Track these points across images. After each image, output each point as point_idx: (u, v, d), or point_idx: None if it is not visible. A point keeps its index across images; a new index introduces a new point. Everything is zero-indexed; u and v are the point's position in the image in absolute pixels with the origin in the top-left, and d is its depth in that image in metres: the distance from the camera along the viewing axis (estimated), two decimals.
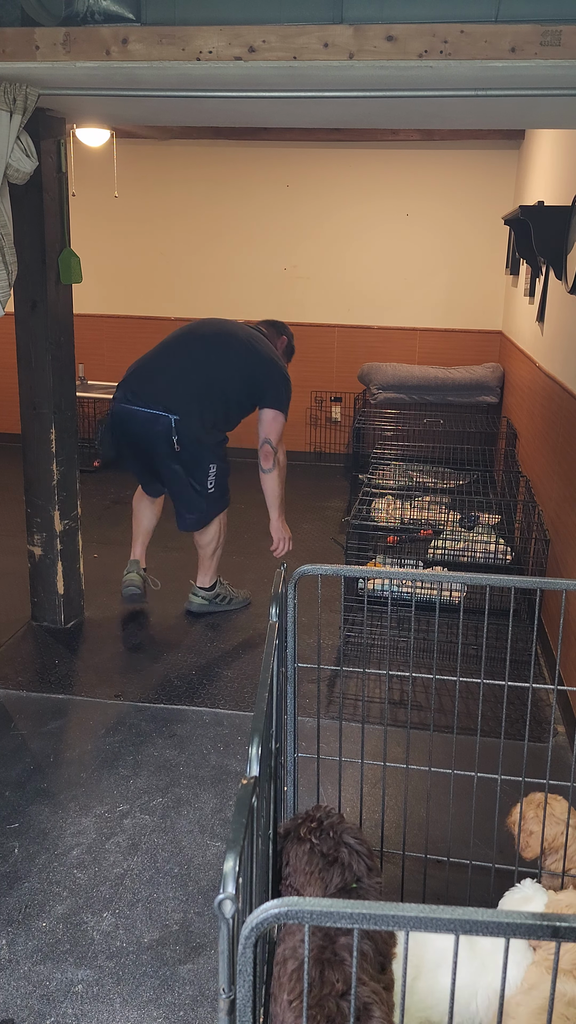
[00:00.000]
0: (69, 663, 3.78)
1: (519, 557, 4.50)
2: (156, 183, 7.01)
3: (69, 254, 3.76)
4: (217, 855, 2.63)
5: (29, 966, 2.21)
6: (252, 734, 1.45)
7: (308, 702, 3.39)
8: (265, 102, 2.98)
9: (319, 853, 1.80)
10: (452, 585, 4.04)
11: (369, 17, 2.39)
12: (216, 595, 4.32)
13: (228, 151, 6.89)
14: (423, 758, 2.93)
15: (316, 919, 0.97)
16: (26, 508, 3.97)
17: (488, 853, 2.52)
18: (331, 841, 1.81)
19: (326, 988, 1.52)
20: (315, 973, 1.56)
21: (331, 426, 7.28)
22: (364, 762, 2.40)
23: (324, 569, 2.13)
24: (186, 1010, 2.10)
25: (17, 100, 2.80)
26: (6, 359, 4.52)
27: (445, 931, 0.94)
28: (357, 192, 6.84)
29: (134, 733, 3.26)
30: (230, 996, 1.09)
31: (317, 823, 1.86)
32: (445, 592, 4.06)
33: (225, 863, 1.11)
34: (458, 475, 5.81)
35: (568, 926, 0.92)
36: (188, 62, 2.49)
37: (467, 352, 6.99)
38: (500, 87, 2.62)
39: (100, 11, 2.51)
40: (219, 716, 3.39)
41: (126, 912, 2.40)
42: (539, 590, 3.15)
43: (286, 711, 2.20)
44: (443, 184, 6.73)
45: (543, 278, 4.75)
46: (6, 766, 3.03)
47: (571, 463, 3.69)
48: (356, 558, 4.18)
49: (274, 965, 1.72)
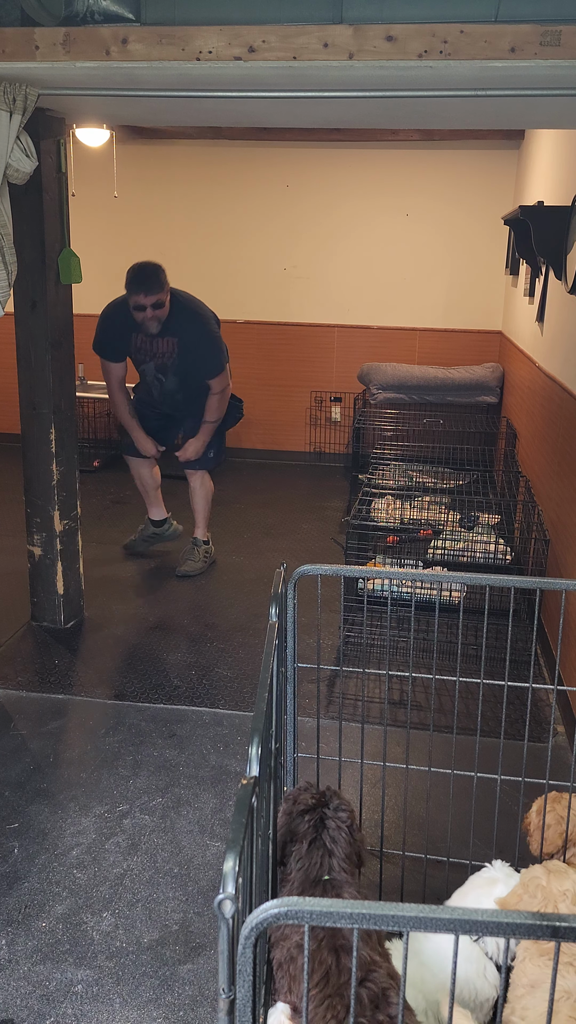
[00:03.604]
0: (69, 663, 3.78)
1: (519, 557, 4.50)
2: (156, 183, 7.01)
3: (69, 254, 3.76)
4: (217, 855, 2.63)
5: (29, 966, 2.21)
6: (252, 734, 1.45)
7: (308, 702, 3.39)
8: (265, 102, 2.98)
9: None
10: (452, 585, 4.04)
11: (369, 17, 2.39)
12: (209, 549, 4.87)
13: (228, 151, 6.89)
14: (423, 758, 2.93)
15: (316, 919, 0.97)
16: (26, 508, 3.97)
17: (488, 853, 2.51)
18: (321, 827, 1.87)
19: (344, 976, 1.53)
20: (331, 960, 1.57)
21: (331, 426, 7.28)
22: (364, 762, 2.40)
23: (324, 569, 2.13)
24: (186, 1010, 2.10)
25: (17, 100, 2.80)
26: (6, 359, 4.52)
27: (445, 931, 0.94)
28: (357, 192, 6.84)
29: (134, 733, 3.26)
30: (230, 996, 1.09)
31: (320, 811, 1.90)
32: (445, 592, 4.06)
33: (225, 863, 1.11)
34: (458, 475, 5.81)
35: (568, 926, 0.92)
36: (188, 62, 2.49)
37: (467, 352, 6.99)
38: (500, 87, 2.62)
39: (100, 11, 2.51)
40: (219, 716, 3.39)
41: (126, 912, 2.40)
42: (539, 590, 3.16)
43: (286, 711, 2.20)
44: (443, 184, 6.73)
45: (543, 278, 4.75)
46: (6, 766, 3.03)
47: (571, 463, 3.69)
48: (356, 558, 4.18)
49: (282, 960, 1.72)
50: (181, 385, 4.53)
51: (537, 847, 2.26)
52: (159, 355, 4.45)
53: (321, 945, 1.63)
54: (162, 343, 4.42)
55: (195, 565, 4.75)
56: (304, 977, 1.06)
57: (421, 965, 1.89)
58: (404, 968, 1.06)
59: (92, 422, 6.94)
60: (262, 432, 7.27)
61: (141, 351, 4.47)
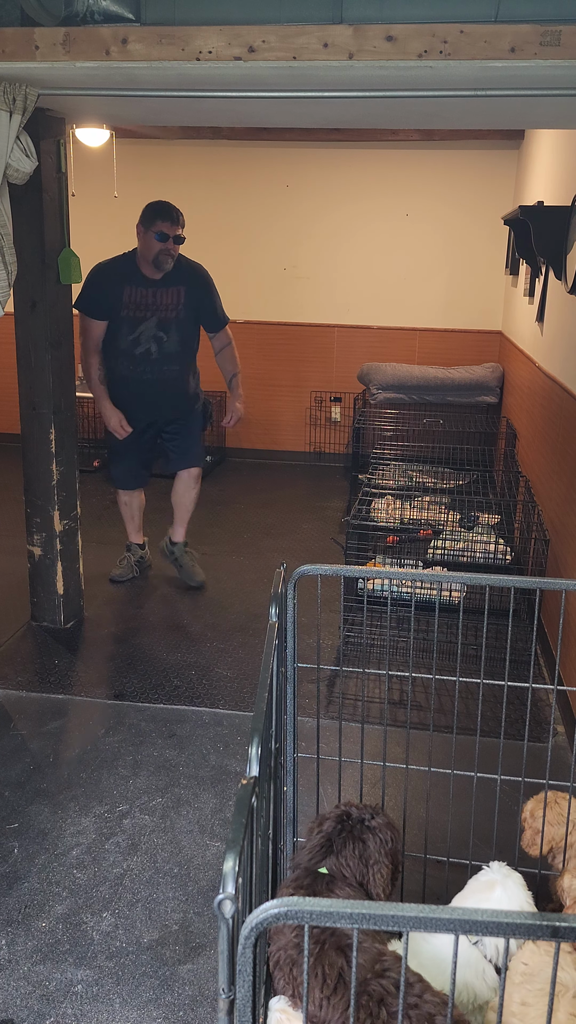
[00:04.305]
0: (69, 663, 3.78)
1: (519, 557, 4.50)
2: (156, 183, 7.00)
3: (69, 254, 3.76)
4: (217, 855, 2.63)
5: (29, 966, 2.21)
6: (252, 734, 1.45)
7: (308, 702, 3.39)
8: (265, 102, 2.98)
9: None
10: (452, 585, 4.04)
11: (369, 17, 2.39)
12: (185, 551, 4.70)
13: (228, 151, 6.89)
14: (423, 758, 2.93)
15: (316, 919, 0.97)
16: (26, 508, 3.97)
17: (488, 853, 2.51)
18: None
19: (363, 972, 1.56)
20: (341, 961, 1.58)
21: (331, 426, 7.28)
22: (364, 762, 2.40)
23: (324, 569, 2.13)
24: (186, 1010, 2.10)
25: (17, 100, 2.80)
26: (6, 359, 4.52)
27: (445, 931, 0.94)
28: (357, 192, 6.84)
29: (134, 733, 3.26)
30: (230, 996, 1.09)
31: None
32: (445, 592, 4.06)
33: (225, 863, 1.11)
34: (458, 475, 5.81)
35: (568, 926, 0.92)
36: (188, 62, 2.49)
37: (467, 352, 6.99)
38: (500, 87, 2.62)
39: (100, 11, 2.51)
40: (219, 716, 3.39)
41: (126, 912, 2.40)
42: (539, 590, 3.16)
43: (286, 711, 2.20)
44: (443, 184, 6.73)
45: (543, 278, 4.75)
46: (6, 766, 3.02)
47: (571, 463, 3.69)
48: (356, 558, 4.18)
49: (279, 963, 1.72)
50: (181, 347, 4.25)
51: (529, 846, 2.26)
52: (162, 308, 4.18)
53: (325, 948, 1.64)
54: (166, 294, 4.18)
55: (200, 573, 4.64)
56: (304, 976, 1.06)
57: (420, 967, 1.89)
58: (403, 968, 1.06)
59: (92, 422, 6.94)
60: (262, 432, 7.27)
61: (140, 306, 4.16)
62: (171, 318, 4.21)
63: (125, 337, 4.19)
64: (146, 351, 4.21)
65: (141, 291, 4.16)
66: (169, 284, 4.19)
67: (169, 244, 4.09)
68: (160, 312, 4.19)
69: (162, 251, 4.09)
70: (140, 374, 4.24)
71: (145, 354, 4.21)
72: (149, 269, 4.15)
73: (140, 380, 4.25)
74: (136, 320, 4.17)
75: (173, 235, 4.08)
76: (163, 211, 4.09)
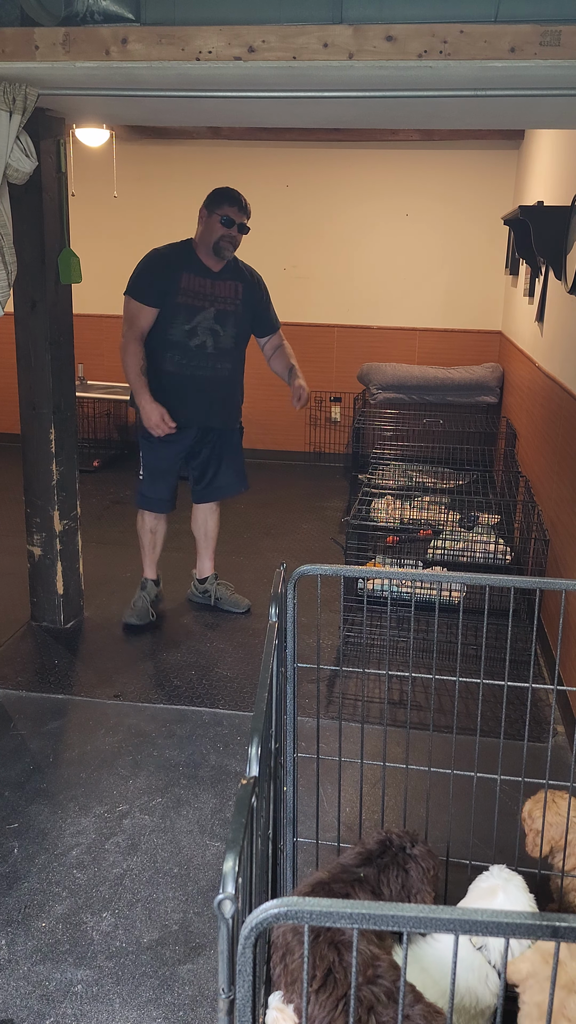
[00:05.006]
0: (69, 663, 3.78)
1: (519, 557, 4.50)
2: (156, 183, 7.01)
3: (69, 254, 3.76)
4: (217, 855, 2.63)
5: (29, 966, 2.21)
6: (252, 734, 1.45)
7: (308, 702, 3.39)
8: (265, 102, 2.98)
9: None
10: (452, 585, 4.04)
11: (369, 17, 2.39)
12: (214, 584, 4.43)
13: (228, 151, 6.89)
14: (423, 758, 2.93)
15: (316, 919, 0.97)
16: (26, 508, 3.97)
17: (488, 853, 2.51)
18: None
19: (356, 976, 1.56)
20: (333, 957, 1.58)
21: (331, 426, 7.28)
22: (364, 762, 2.40)
23: (324, 569, 2.13)
24: (185, 1010, 2.10)
25: (17, 100, 2.80)
26: (6, 359, 4.51)
27: (445, 931, 0.94)
28: (357, 192, 6.84)
29: (134, 733, 3.26)
30: (230, 996, 1.09)
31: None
32: (445, 592, 4.06)
33: (225, 863, 1.11)
34: (458, 475, 5.81)
35: (568, 926, 0.92)
36: (187, 62, 2.49)
37: (467, 352, 6.99)
38: (500, 87, 2.62)
39: (100, 11, 2.51)
40: (219, 716, 3.39)
41: (126, 912, 2.40)
42: (539, 590, 3.16)
43: (286, 711, 2.19)
44: (443, 184, 6.73)
45: (543, 278, 4.75)
46: (6, 766, 3.02)
47: (571, 463, 3.69)
48: (356, 558, 4.18)
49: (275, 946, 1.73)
50: (235, 345, 4.01)
51: (532, 848, 2.26)
52: (221, 299, 3.92)
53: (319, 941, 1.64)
54: (224, 286, 3.94)
55: (243, 600, 4.38)
56: (304, 976, 1.06)
57: (422, 971, 1.89)
58: (403, 968, 1.06)
59: (92, 422, 6.95)
60: (262, 432, 7.27)
61: (199, 295, 3.88)
62: (229, 311, 3.96)
63: (181, 327, 3.88)
64: (201, 344, 3.91)
65: (199, 280, 3.90)
66: (227, 277, 3.96)
67: (234, 231, 3.86)
68: (218, 303, 3.93)
69: (225, 236, 3.85)
70: (193, 369, 3.93)
71: (200, 347, 3.91)
72: (208, 257, 3.91)
73: (192, 376, 3.94)
74: (194, 309, 3.88)
75: (239, 222, 3.86)
76: (231, 196, 3.87)
